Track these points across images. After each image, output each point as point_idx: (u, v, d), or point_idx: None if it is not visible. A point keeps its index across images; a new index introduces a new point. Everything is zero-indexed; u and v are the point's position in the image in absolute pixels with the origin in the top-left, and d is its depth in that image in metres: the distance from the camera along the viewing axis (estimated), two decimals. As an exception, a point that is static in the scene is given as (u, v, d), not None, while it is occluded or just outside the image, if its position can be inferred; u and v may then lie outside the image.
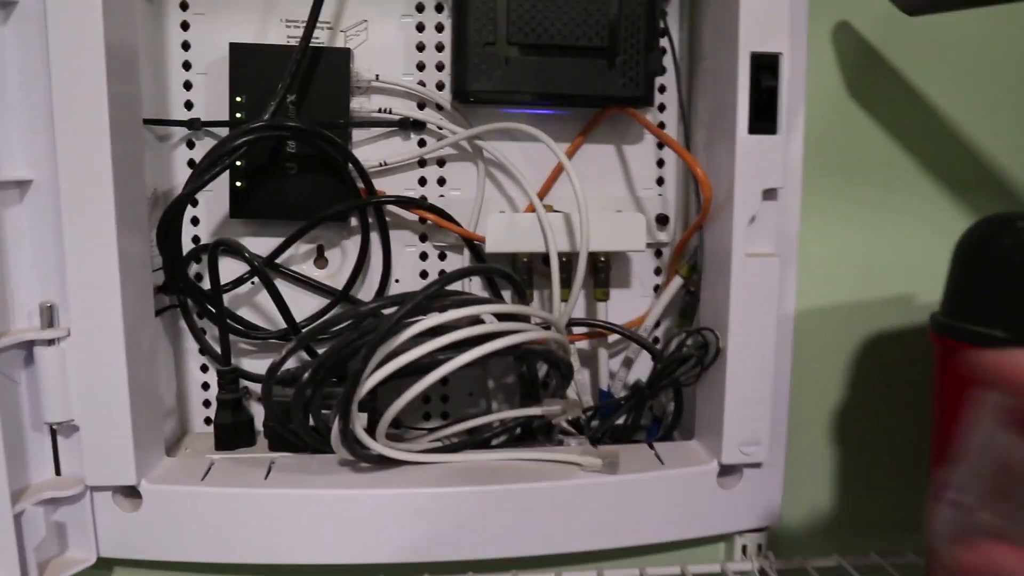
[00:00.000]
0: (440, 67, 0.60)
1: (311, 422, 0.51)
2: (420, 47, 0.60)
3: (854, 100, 0.61)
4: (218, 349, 0.58)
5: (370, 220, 0.59)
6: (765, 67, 0.50)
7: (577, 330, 0.61)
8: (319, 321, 0.54)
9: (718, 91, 0.54)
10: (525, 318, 0.52)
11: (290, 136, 0.56)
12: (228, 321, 0.58)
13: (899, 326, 0.63)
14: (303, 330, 0.57)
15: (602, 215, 0.57)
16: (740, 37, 0.50)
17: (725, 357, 0.52)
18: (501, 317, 0.52)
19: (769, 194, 0.51)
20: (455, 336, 0.45)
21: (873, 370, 0.64)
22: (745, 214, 0.50)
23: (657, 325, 0.62)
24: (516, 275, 0.52)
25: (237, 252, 0.55)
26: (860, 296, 0.63)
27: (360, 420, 0.49)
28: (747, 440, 0.53)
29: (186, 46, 0.58)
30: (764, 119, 0.50)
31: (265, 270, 0.55)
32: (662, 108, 0.62)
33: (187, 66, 0.58)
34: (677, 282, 0.59)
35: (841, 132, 0.61)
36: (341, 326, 0.52)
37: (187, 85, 0.58)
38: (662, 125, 0.62)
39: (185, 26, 0.58)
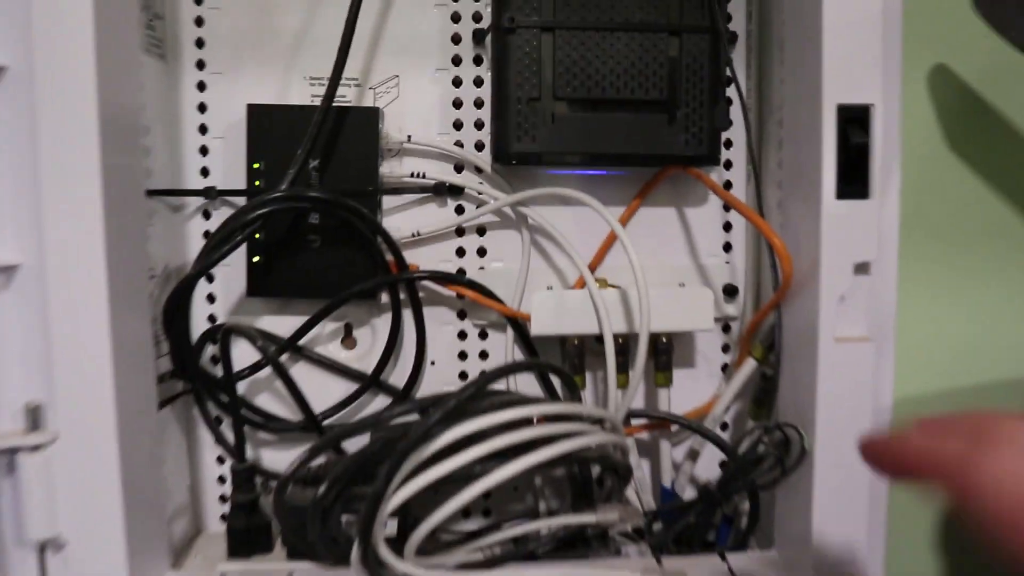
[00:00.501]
0: (479, 126, 0.54)
1: (332, 531, 0.44)
2: (457, 104, 0.54)
3: (955, 154, 0.53)
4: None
5: (402, 296, 0.53)
6: (854, 121, 0.43)
7: (635, 421, 0.53)
8: (332, 433, 0.47)
9: (796, 148, 0.47)
10: (577, 416, 0.45)
11: (311, 207, 0.50)
12: (243, 411, 0.52)
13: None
14: (324, 433, 0.51)
15: (664, 291, 0.50)
16: (824, 87, 0.42)
17: (812, 460, 0.44)
18: (550, 418, 0.45)
19: (861, 268, 0.44)
20: (497, 444, 0.38)
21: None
22: (834, 292, 0.43)
23: (726, 410, 0.54)
24: (566, 369, 0.45)
25: (248, 338, 0.49)
26: (964, 382, 0.54)
27: (386, 531, 0.42)
28: (840, 559, 0.44)
29: (203, 108, 0.53)
30: (854, 181, 0.43)
31: (278, 360, 0.49)
32: (728, 165, 0.55)
33: (204, 130, 0.53)
34: (750, 364, 0.51)
35: (940, 192, 0.53)
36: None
37: (203, 150, 0.53)
38: (728, 185, 0.55)
39: (202, 87, 0.53)
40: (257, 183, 0.51)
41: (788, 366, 0.47)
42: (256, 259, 0.52)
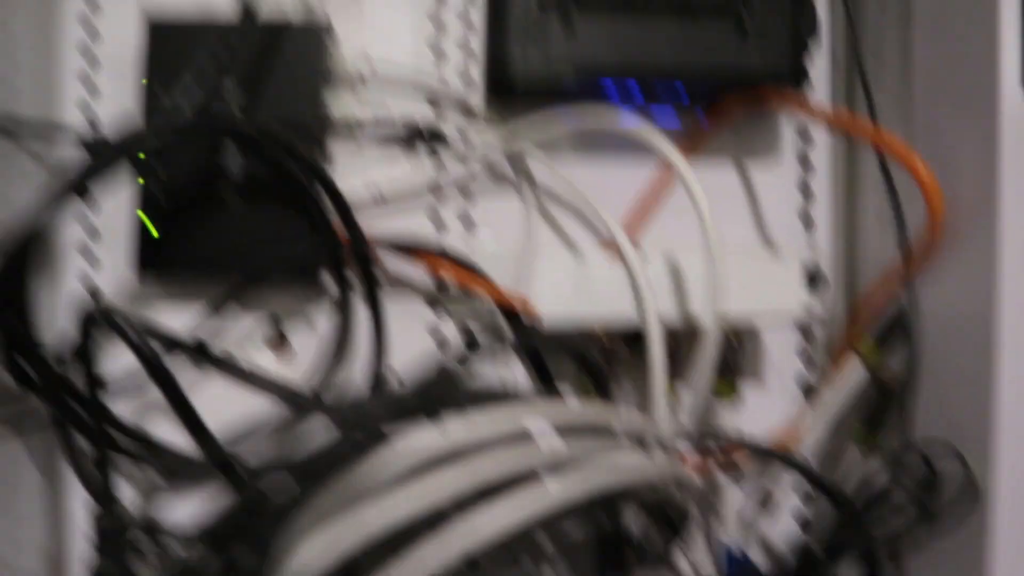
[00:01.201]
0: (468, 52, 0.40)
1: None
2: (438, 22, 0.39)
3: None
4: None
5: (353, 279, 0.38)
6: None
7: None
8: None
9: (936, 40, 0.32)
10: (609, 430, 0.29)
11: (228, 142, 0.34)
12: (113, 432, 0.36)
13: None
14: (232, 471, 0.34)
15: (735, 259, 0.35)
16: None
17: (986, 501, 0.28)
18: (565, 431, 0.29)
19: (1056, 200, 0.28)
20: (479, 474, 0.22)
21: None
22: (1019, 237, 0.27)
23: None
24: (594, 355, 0.29)
25: (117, 330, 0.33)
26: None
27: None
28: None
29: (86, 23, 0.39)
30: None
31: (161, 363, 0.33)
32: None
33: (87, 53, 0.39)
34: (854, 369, 0.35)
35: None
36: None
37: (85, 78, 0.39)
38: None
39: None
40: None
41: (933, 363, 0.31)
42: (148, 222, 0.36)
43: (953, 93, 0.30)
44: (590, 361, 0.27)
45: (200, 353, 0.38)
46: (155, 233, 0.36)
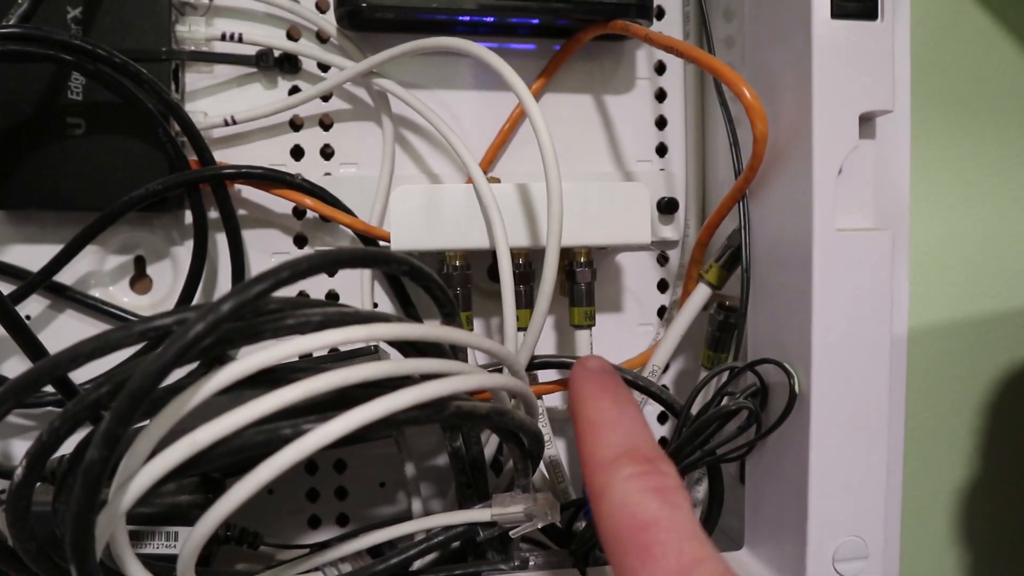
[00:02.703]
0: (322, -23, 0.39)
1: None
2: (290, -53, 0.39)
3: None
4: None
5: (212, 216, 0.37)
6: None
7: (545, 376, 0.38)
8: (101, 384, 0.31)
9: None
10: (455, 353, 0.30)
11: (56, 57, 0.33)
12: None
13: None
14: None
15: (582, 186, 0.36)
16: None
17: (807, 407, 0.30)
18: (409, 350, 0.29)
19: (866, 125, 0.30)
20: (315, 385, 0.23)
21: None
22: (832, 160, 0.29)
23: (667, 367, 0.40)
24: (435, 275, 0.29)
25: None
26: (984, 296, 0.41)
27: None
28: (848, 550, 0.30)
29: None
30: (855, -6, 0.29)
31: (5, 301, 0.31)
32: (660, 14, 0.41)
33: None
34: (702, 293, 0.37)
35: (950, 35, 0.40)
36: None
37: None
38: (659, 65, 0.42)
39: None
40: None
41: (762, 283, 0.33)
42: (-13, 153, 0.35)
43: (774, 26, 0.31)
44: (433, 278, 0.27)
45: (53, 290, 0.37)
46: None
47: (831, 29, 0.29)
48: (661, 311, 0.42)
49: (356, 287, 0.39)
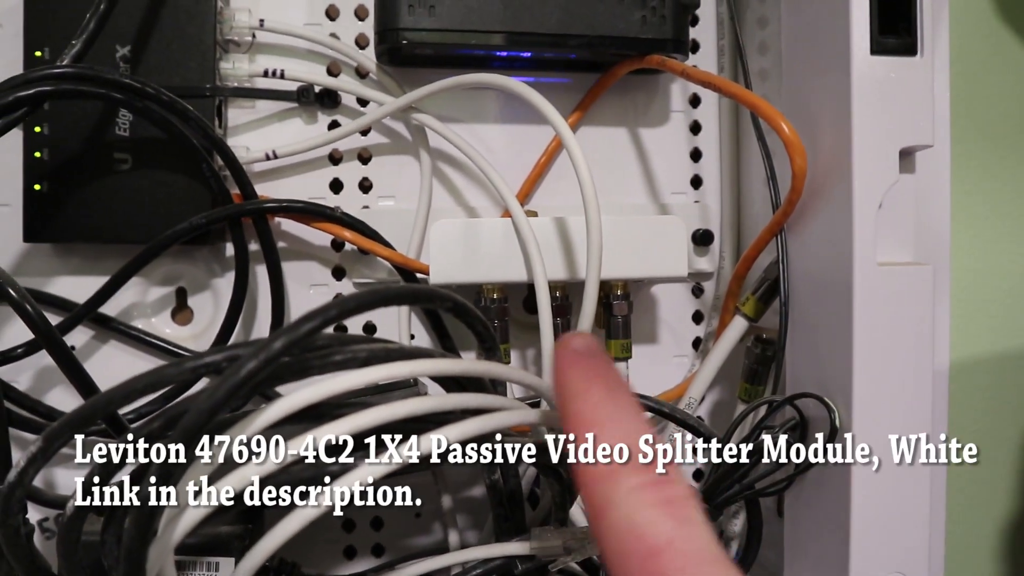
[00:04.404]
0: (361, 14, 0.40)
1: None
2: (330, -15, 0.40)
3: (1007, 26, 0.40)
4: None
5: (253, 248, 0.38)
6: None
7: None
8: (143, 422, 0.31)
9: (799, 9, 0.33)
10: (494, 386, 0.30)
11: (110, 96, 0.34)
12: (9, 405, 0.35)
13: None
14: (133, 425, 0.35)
15: (619, 219, 0.36)
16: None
17: (849, 442, 0.30)
18: (451, 384, 0.30)
19: (906, 160, 0.30)
20: (359, 421, 0.23)
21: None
22: (872, 194, 0.29)
23: (703, 398, 0.40)
24: (478, 311, 0.30)
25: (9, 300, 0.32)
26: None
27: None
28: (890, 590, 0.30)
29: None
30: (895, 29, 0.29)
31: (54, 335, 0.32)
32: (695, 48, 0.41)
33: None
34: (738, 326, 0.37)
35: (988, 69, 0.40)
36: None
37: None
38: (695, 99, 0.42)
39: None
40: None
41: (800, 318, 0.33)
42: (37, 187, 0.36)
43: (811, 61, 0.31)
44: (474, 313, 0.28)
45: (97, 321, 0.38)
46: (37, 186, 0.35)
47: (871, 65, 0.29)
48: (696, 343, 0.42)
49: (393, 319, 0.39)
